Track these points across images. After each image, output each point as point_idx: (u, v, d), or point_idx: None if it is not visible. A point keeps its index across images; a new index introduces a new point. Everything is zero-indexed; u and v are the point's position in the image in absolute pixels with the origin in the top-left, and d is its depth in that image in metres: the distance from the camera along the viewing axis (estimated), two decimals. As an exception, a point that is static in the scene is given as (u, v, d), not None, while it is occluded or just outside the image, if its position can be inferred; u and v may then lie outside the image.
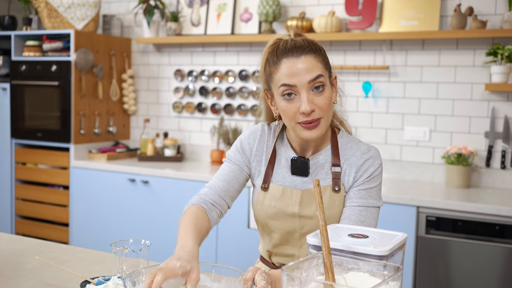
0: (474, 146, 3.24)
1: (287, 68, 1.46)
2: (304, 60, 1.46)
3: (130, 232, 3.66)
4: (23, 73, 4.03)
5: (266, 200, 1.60)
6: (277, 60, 1.49)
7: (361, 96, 3.51)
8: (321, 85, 1.47)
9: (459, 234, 2.77)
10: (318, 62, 1.48)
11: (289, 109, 1.48)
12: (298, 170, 1.58)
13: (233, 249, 3.32)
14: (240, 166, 1.64)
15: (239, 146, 1.66)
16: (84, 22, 3.97)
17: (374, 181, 1.55)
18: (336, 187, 1.54)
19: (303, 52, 1.47)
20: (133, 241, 1.46)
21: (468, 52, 3.23)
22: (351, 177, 1.55)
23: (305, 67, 1.45)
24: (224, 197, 1.61)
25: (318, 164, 1.59)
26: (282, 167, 1.61)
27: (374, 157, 1.57)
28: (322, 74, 1.47)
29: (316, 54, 1.48)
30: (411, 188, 3.12)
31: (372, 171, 1.55)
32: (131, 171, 3.65)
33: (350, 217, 1.50)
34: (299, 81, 1.45)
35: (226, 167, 1.65)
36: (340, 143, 1.60)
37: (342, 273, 1.01)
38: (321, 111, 1.47)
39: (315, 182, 1.07)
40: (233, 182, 1.62)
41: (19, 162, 4.15)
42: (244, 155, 1.65)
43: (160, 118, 4.25)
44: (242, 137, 1.68)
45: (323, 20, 3.42)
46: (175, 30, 3.95)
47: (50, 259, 1.68)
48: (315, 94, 1.47)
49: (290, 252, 1.62)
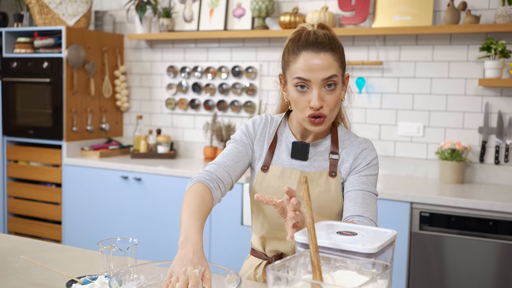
0: (467, 141, 3.23)
1: (304, 62, 1.51)
2: (323, 57, 1.50)
3: (123, 229, 3.64)
4: (14, 70, 4.00)
5: (265, 181, 1.64)
6: (297, 50, 1.54)
7: (355, 92, 3.49)
8: (334, 84, 1.52)
9: (453, 230, 2.76)
10: (335, 61, 1.53)
11: (300, 100, 1.54)
12: (298, 153, 1.64)
13: (227, 246, 3.30)
14: (246, 148, 1.68)
15: (245, 130, 1.71)
16: (75, 18, 3.93)
17: (373, 169, 1.61)
18: (333, 172, 1.61)
19: (323, 49, 1.51)
20: (120, 239, 1.44)
21: (462, 47, 3.22)
22: (348, 165, 1.61)
23: (322, 64, 1.50)
24: (232, 176, 1.63)
25: (317, 151, 1.65)
26: (282, 151, 1.67)
27: (370, 147, 1.64)
28: (336, 74, 1.53)
29: (334, 52, 1.53)
30: (404, 184, 3.11)
31: (370, 159, 1.61)
32: (124, 168, 3.62)
33: (356, 199, 1.54)
34: (314, 77, 1.51)
35: (232, 147, 1.68)
36: (339, 135, 1.67)
37: (330, 272, 0.99)
38: (328, 108, 1.53)
39: (303, 179, 1.06)
40: (240, 162, 1.66)
41: (11, 160, 4.12)
42: (249, 138, 1.69)
43: (153, 115, 4.22)
44: (247, 122, 1.73)
45: (316, 16, 3.39)
46: (168, 26, 3.93)
47: (38, 258, 1.66)
48: (326, 91, 1.52)
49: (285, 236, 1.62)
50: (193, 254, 1.29)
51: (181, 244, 1.32)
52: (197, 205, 1.45)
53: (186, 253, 1.29)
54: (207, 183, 1.56)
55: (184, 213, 1.42)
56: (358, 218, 1.49)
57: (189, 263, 1.26)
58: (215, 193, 1.56)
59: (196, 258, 1.28)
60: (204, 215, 1.45)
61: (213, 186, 1.56)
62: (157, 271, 1.30)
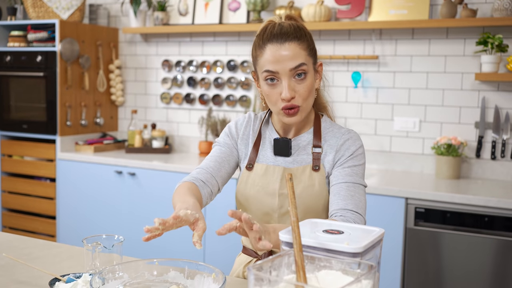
0: (464, 136, 3.20)
1: (270, 54, 1.50)
2: (288, 47, 1.49)
3: (117, 224, 3.61)
4: (8, 64, 3.96)
5: (250, 179, 1.63)
6: (262, 44, 1.53)
7: (351, 86, 3.46)
8: (303, 72, 1.50)
9: (448, 225, 2.74)
10: (302, 49, 1.50)
11: (271, 94, 1.52)
12: (281, 150, 1.62)
13: (221, 242, 3.27)
14: (230, 149, 1.68)
15: (227, 131, 1.71)
16: (69, 11, 3.90)
17: (358, 159, 1.57)
18: (316, 166, 1.57)
19: (287, 39, 1.49)
20: (106, 236, 1.41)
21: (458, 41, 3.19)
22: (331, 157, 1.58)
23: (288, 54, 1.48)
24: (216, 177, 1.62)
25: (300, 145, 1.62)
26: (266, 148, 1.65)
27: (354, 138, 1.60)
28: (304, 62, 1.50)
29: (300, 41, 1.50)
30: (400, 179, 3.08)
31: (353, 150, 1.57)
32: (118, 163, 3.59)
33: (339, 192, 1.51)
34: (281, 68, 1.49)
35: (216, 150, 1.69)
36: (322, 127, 1.63)
37: (314, 271, 0.97)
38: (301, 98, 1.51)
39: (287, 176, 1.03)
40: (224, 163, 1.65)
41: (5, 154, 4.09)
42: (232, 139, 1.69)
43: (148, 109, 4.19)
44: (230, 124, 1.73)
45: (312, 9, 3.36)
46: (162, 19, 3.89)
47: (24, 255, 1.63)
48: (296, 81, 1.50)
49: None
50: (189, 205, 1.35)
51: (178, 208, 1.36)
52: (188, 191, 1.48)
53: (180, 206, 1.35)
54: (193, 182, 1.57)
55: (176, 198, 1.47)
56: (341, 212, 1.46)
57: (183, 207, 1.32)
58: (203, 191, 1.57)
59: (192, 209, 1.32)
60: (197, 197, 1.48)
61: (199, 185, 1.57)
62: (142, 269, 1.27)
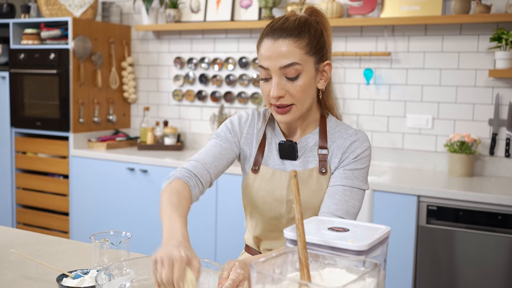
0: (477, 134, 3.17)
1: (264, 50, 1.45)
2: (281, 44, 1.42)
3: (129, 221, 3.63)
4: (21, 62, 4.00)
5: (256, 183, 1.57)
6: (261, 39, 1.49)
7: (363, 83, 3.44)
8: (296, 74, 1.43)
9: (461, 224, 2.71)
10: (298, 47, 1.42)
11: (264, 89, 1.48)
12: (286, 153, 1.56)
13: (232, 238, 3.28)
14: (230, 145, 1.59)
15: (230, 126, 1.62)
16: (82, 9, 3.92)
17: (361, 162, 1.51)
18: (323, 169, 1.52)
19: (282, 36, 1.42)
20: (113, 233, 1.41)
21: (472, 37, 3.15)
22: (337, 159, 1.52)
23: (279, 52, 1.42)
24: (211, 173, 1.53)
25: (307, 147, 1.56)
26: (273, 150, 1.59)
27: (361, 139, 1.53)
28: (297, 62, 1.42)
29: (297, 38, 1.43)
30: (412, 177, 3.06)
31: (358, 153, 1.51)
32: (130, 160, 3.61)
33: (334, 195, 1.46)
34: (272, 65, 1.43)
35: (215, 144, 1.58)
36: (328, 127, 1.57)
37: (318, 269, 0.96)
38: (292, 98, 1.45)
39: (292, 173, 1.02)
40: (222, 159, 1.56)
41: (19, 151, 4.13)
42: (235, 136, 1.60)
43: (160, 107, 4.21)
44: (232, 119, 1.63)
45: (324, 6, 3.34)
46: (174, 17, 3.90)
47: (34, 251, 1.64)
48: (287, 81, 1.44)
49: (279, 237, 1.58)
50: (180, 243, 1.17)
51: (167, 238, 1.20)
52: (178, 202, 1.34)
53: (172, 245, 1.16)
54: (186, 180, 1.45)
55: (165, 210, 1.31)
56: (329, 216, 1.39)
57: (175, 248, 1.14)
58: (194, 191, 1.46)
59: (183, 246, 1.16)
60: (185, 212, 1.34)
61: (192, 184, 1.46)
62: (147, 266, 1.27)
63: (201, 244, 3.35)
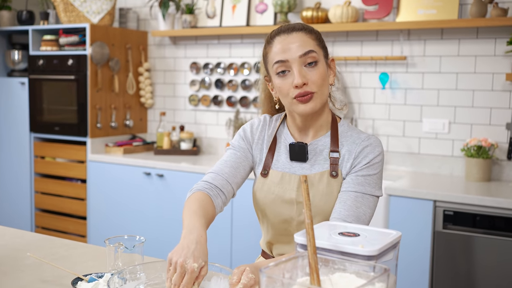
0: (495, 138, 3.14)
1: (279, 45, 1.50)
2: (295, 35, 1.50)
3: (145, 225, 3.66)
4: (40, 68, 4.06)
5: (266, 186, 1.59)
6: (271, 40, 1.54)
7: (378, 88, 3.43)
8: (314, 60, 1.49)
9: (478, 229, 2.68)
10: (310, 39, 1.51)
11: (283, 85, 1.50)
12: (296, 155, 1.57)
13: (248, 240, 3.28)
14: (245, 153, 1.63)
15: (242, 134, 1.66)
16: (99, 15, 3.97)
17: (373, 168, 1.51)
18: (334, 172, 1.52)
19: (294, 30, 1.51)
20: (128, 237, 1.43)
21: (489, 41, 3.13)
22: (349, 164, 1.53)
23: (296, 42, 1.49)
24: (232, 183, 1.57)
25: (317, 150, 1.57)
26: (282, 153, 1.61)
27: (374, 144, 1.53)
28: (314, 50, 1.50)
29: (307, 31, 1.52)
30: (428, 182, 3.04)
31: (371, 158, 1.51)
32: (147, 164, 3.64)
33: (345, 201, 1.46)
34: (290, 55, 1.48)
35: (231, 154, 1.63)
36: (340, 131, 1.58)
37: (328, 274, 0.96)
38: (314, 85, 1.48)
39: (302, 178, 1.03)
40: (240, 168, 1.60)
41: (38, 156, 4.19)
42: (247, 143, 1.64)
43: (176, 111, 4.23)
44: (245, 126, 1.68)
45: (339, 10, 3.34)
46: (191, 22, 3.92)
47: (50, 254, 1.67)
48: (307, 69, 1.49)
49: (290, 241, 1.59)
50: (196, 245, 1.25)
51: (185, 234, 1.29)
52: (198, 208, 1.42)
53: (188, 243, 1.25)
54: (207, 191, 1.51)
55: (186, 214, 1.40)
56: None
57: (190, 254, 1.22)
58: (216, 201, 1.52)
59: (198, 250, 1.24)
60: (206, 217, 1.41)
61: (213, 194, 1.52)
62: (159, 270, 1.28)
63: (217, 248, 3.36)
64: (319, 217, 1.50)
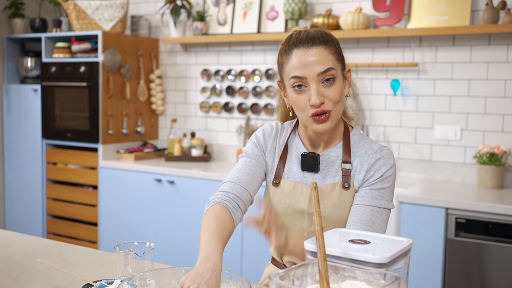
0: (507, 145, 3.11)
1: (297, 59, 1.45)
2: (315, 51, 1.45)
3: (156, 231, 3.66)
4: (53, 74, 4.09)
5: (277, 196, 1.57)
6: (289, 50, 1.48)
7: (390, 94, 3.41)
8: (332, 77, 1.45)
9: (491, 237, 2.66)
10: (330, 54, 1.46)
11: (299, 100, 1.47)
12: (308, 165, 1.55)
13: (258, 247, 3.27)
14: (259, 160, 1.60)
15: (255, 141, 1.63)
16: (111, 23, 3.99)
17: (387, 181, 1.49)
18: (346, 184, 1.50)
19: (314, 43, 1.45)
20: (138, 243, 1.43)
21: (501, 47, 3.11)
22: (361, 176, 1.51)
23: (315, 59, 1.44)
24: (250, 191, 1.54)
25: (329, 161, 1.55)
26: (294, 163, 1.58)
27: (386, 157, 1.51)
28: (333, 67, 1.46)
29: (327, 45, 1.47)
30: (440, 189, 3.01)
31: (384, 171, 1.50)
32: (158, 171, 3.65)
33: (361, 215, 1.45)
34: (309, 73, 1.44)
35: (245, 162, 1.60)
36: (352, 141, 1.56)
37: (338, 282, 0.96)
38: (331, 103, 1.45)
39: (312, 185, 1.02)
40: (256, 176, 1.58)
41: (50, 162, 4.22)
42: (260, 149, 1.62)
43: (187, 118, 4.24)
44: (257, 133, 1.65)
45: (350, 17, 3.34)
46: (202, 29, 3.94)
47: (60, 260, 1.67)
48: (325, 86, 1.45)
49: None
50: (211, 274, 1.21)
51: (201, 261, 1.25)
52: (216, 227, 1.37)
53: (203, 271, 1.22)
54: (225, 204, 1.47)
55: (203, 235, 1.35)
56: None
57: (204, 283, 1.19)
58: (235, 214, 1.48)
59: (212, 281, 1.20)
60: (223, 238, 1.37)
61: (232, 207, 1.48)
62: (169, 277, 1.28)
63: (227, 254, 3.35)
64: (330, 227, 1.49)
